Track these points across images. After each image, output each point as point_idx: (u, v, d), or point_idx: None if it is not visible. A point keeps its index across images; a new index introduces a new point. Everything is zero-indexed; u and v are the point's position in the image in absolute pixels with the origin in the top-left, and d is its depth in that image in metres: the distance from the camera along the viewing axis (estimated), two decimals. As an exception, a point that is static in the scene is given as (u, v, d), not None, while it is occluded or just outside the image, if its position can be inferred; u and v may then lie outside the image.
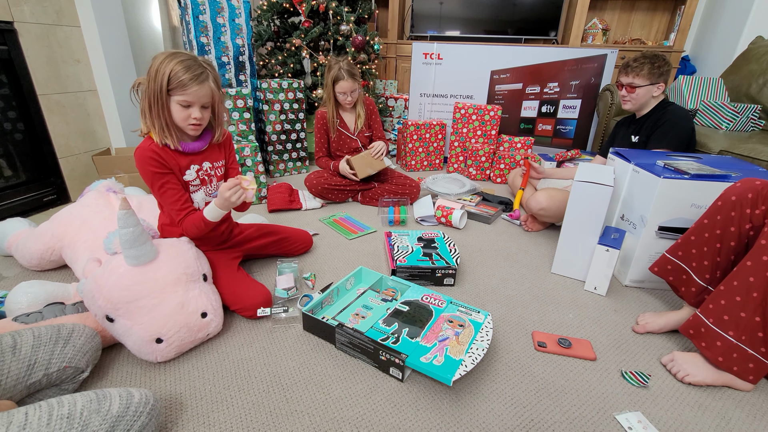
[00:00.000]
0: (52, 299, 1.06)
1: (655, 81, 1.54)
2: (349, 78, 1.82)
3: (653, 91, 1.56)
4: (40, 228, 1.32)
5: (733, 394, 0.92)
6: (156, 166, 1.03)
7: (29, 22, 1.73)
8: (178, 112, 1.01)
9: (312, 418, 0.83)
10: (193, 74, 0.97)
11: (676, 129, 1.51)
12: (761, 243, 0.85)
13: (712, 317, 0.93)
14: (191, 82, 0.97)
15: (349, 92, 1.87)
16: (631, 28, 3.26)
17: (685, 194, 1.18)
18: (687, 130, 1.53)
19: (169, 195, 1.06)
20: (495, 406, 0.88)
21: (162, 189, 1.05)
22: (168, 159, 1.05)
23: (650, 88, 1.55)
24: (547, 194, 1.59)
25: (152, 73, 0.97)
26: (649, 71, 1.52)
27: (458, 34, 3.20)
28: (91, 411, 0.66)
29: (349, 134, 2.01)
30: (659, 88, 1.55)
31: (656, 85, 1.55)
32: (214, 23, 2.12)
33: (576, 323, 1.16)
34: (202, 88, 1.00)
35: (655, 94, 1.57)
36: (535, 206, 1.61)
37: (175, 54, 0.98)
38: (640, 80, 1.55)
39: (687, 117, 1.54)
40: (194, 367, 0.97)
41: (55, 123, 1.87)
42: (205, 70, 1.00)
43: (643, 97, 1.58)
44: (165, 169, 1.05)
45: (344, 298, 1.21)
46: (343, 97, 1.88)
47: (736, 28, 2.82)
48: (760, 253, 0.85)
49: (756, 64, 2.11)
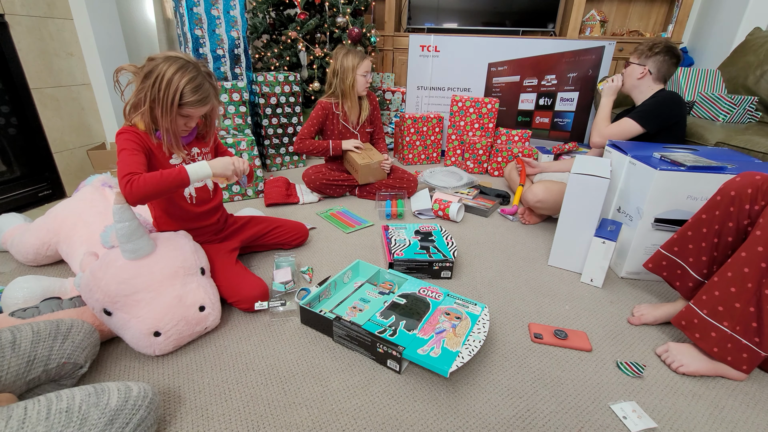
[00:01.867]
0: (49, 294, 1.05)
1: (640, 62, 1.55)
2: (367, 57, 1.86)
3: (637, 72, 1.56)
4: (36, 223, 1.31)
5: (726, 383, 0.93)
6: (134, 141, 1.01)
7: (20, 14, 1.71)
8: (177, 121, 1.04)
9: (310, 410, 0.84)
10: (200, 97, 1.01)
11: (650, 107, 1.52)
12: (756, 234, 0.86)
13: (706, 308, 0.93)
14: (198, 104, 1.02)
15: (369, 72, 1.89)
16: (629, 20, 3.24)
17: (681, 186, 1.18)
18: (664, 109, 1.52)
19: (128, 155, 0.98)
20: (491, 396, 0.89)
21: (125, 152, 0.98)
22: (150, 142, 1.05)
23: (635, 67, 1.57)
24: (543, 186, 1.59)
25: (160, 82, 0.97)
26: (639, 50, 1.55)
27: (456, 26, 3.18)
28: (89, 405, 0.66)
29: (351, 128, 1.99)
30: (643, 72, 1.55)
31: (641, 67, 1.55)
32: (209, 15, 2.10)
33: (572, 315, 1.17)
34: (205, 109, 1.06)
35: (638, 76, 1.57)
36: (532, 199, 1.61)
37: (184, 66, 0.98)
38: (633, 57, 1.58)
39: (671, 101, 1.53)
40: (192, 360, 0.97)
41: (48, 117, 1.85)
42: (210, 90, 1.04)
43: (629, 76, 1.60)
44: (141, 147, 1.02)
45: (342, 292, 1.22)
46: (364, 79, 1.87)
47: (734, 20, 2.81)
48: (755, 243, 0.86)
49: (753, 55, 2.10)
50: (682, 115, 1.55)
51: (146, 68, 0.99)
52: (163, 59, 0.98)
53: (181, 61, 0.99)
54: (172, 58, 0.99)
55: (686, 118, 1.58)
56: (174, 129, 1.04)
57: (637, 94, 1.62)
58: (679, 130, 1.57)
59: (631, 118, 1.54)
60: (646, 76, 1.56)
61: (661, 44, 1.52)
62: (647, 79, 1.56)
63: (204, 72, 1.03)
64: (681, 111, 1.54)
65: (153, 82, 0.97)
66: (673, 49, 1.52)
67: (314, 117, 1.91)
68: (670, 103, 1.53)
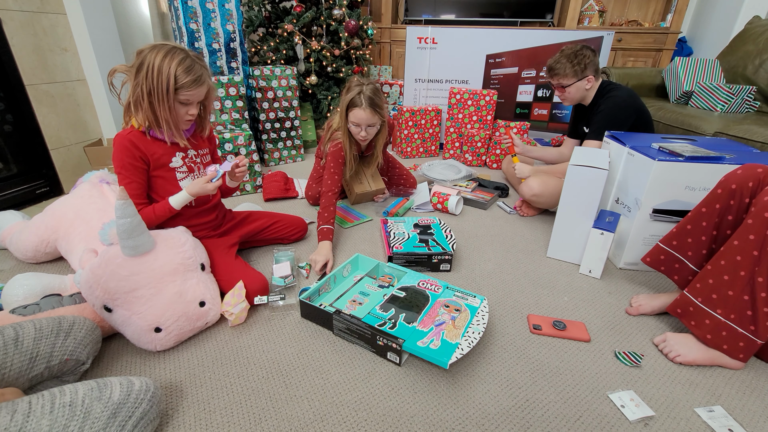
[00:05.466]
0: (49, 291, 1.06)
1: (581, 77, 1.56)
2: (368, 107, 1.43)
3: (583, 85, 1.58)
4: (34, 220, 1.31)
5: (723, 372, 0.94)
6: (130, 157, 1.05)
7: (12, 9, 1.69)
8: (179, 109, 1.05)
9: (311, 403, 0.85)
10: (195, 77, 1.01)
11: (609, 119, 1.52)
12: (748, 222, 0.86)
13: (700, 296, 0.94)
14: (194, 84, 1.01)
15: (365, 126, 1.48)
16: (628, 10, 3.22)
17: (679, 177, 1.18)
18: (622, 116, 1.53)
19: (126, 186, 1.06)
20: (491, 387, 0.90)
21: (126, 181, 1.06)
22: (147, 149, 1.07)
23: (578, 84, 1.58)
24: (540, 180, 1.60)
25: (152, 71, 0.97)
26: (572, 70, 1.55)
27: (453, 17, 3.15)
28: (92, 399, 0.67)
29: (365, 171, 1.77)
30: (588, 81, 1.57)
31: (585, 80, 1.57)
32: (204, 9, 2.08)
33: (571, 306, 1.17)
34: (202, 89, 1.05)
35: (587, 87, 1.59)
36: (528, 192, 1.62)
37: (171, 51, 0.99)
38: (566, 80, 1.57)
39: (623, 103, 1.53)
40: (193, 355, 0.98)
41: (44, 114, 1.84)
42: (202, 70, 1.04)
43: (575, 93, 1.61)
44: (138, 163, 1.06)
45: (341, 286, 1.22)
46: (356, 129, 1.49)
47: (734, 9, 2.79)
48: (747, 232, 0.86)
49: (752, 44, 2.10)
50: (636, 107, 1.54)
51: (136, 63, 0.99)
52: (150, 49, 0.99)
53: (167, 46, 1.00)
54: (159, 46, 0.99)
55: (642, 107, 1.57)
56: (174, 119, 1.04)
57: (587, 98, 1.64)
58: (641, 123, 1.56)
59: (592, 138, 1.55)
60: (591, 81, 1.59)
61: (581, 51, 1.55)
62: (593, 84, 1.60)
63: (193, 55, 1.03)
64: (634, 104, 1.54)
65: (145, 74, 0.98)
66: (586, 46, 1.56)
67: (333, 166, 1.53)
68: (622, 107, 1.53)
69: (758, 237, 0.85)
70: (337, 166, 1.54)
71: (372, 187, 1.80)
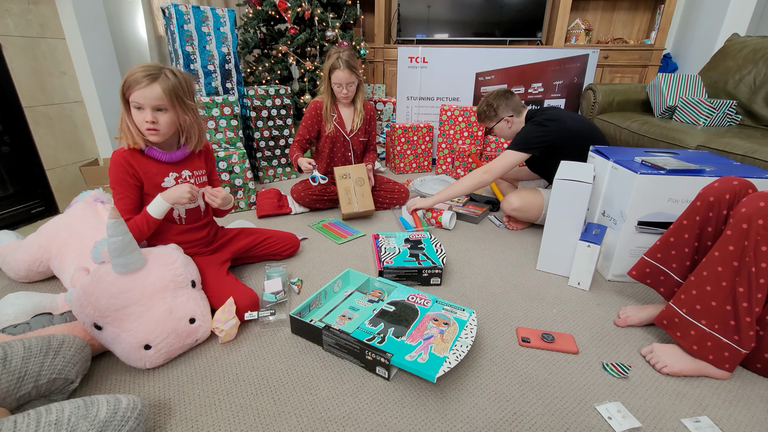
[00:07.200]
0: (40, 310, 1.06)
1: (498, 119, 1.71)
2: (345, 68, 1.73)
3: (505, 126, 1.72)
4: (28, 240, 1.32)
5: (710, 382, 0.95)
6: (123, 173, 1.07)
7: (13, 35, 1.74)
8: (135, 115, 1.04)
9: (299, 419, 0.85)
10: (144, 74, 0.99)
11: (520, 136, 1.59)
12: (727, 234, 0.88)
13: (685, 307, 0.96)
14: (141, 81, 0.99)
15: (345, 84, 1.77)
16: (614, 28, 3.33)
17: (662, 189, 1.21)
18: (532, 131, 1.57)
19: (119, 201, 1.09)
20: (479, 400, 0.90)
21: (119, 196, 1.09)
22: (140, 167, 1.09)
23: (499, 125, 1.73)
24: (518, 196, 1.66)
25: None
26: (487, 116, 1.73)
27: (446, 37, 3.24)
28: (78, 417, 0.67)
29: (345, 133, 1.91)
30: (507, 120, 1.71)
31: (503, 120, 1.71)
32: (199, 32, 2.14)
33: (560, 318, 1.18)
34: (151, 90, 1.00)
35: (508, 126, 1.72)
36: (508, 208, 1.68)
37: (144, 64, 1.03)
38: (487, 124, 1.77)
39: (536, 127, 1.57)
40: (183, 372, 0.98)
41: (41, 135, 1.87)
42: (160, 73, 1.02)
43: (502, 132, 1.76)
44: (131, 179, 1.08)
45: (332, 301, 1.23)
46: (338, 89, 1.79)
47: (714, 26, 2.89)
48: (726, 243, 0.88)
49: (732, 60, 2.16)
50: (557, 129, 1.54)
51: None
52: None
53: (146, 63, 1.04)
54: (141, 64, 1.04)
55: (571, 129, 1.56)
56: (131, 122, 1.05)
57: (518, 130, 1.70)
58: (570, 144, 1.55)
59: (509, 148, 1.60)
60: (511, 120, 1.71)
61: (492, 99, 1.70)
62: (513, 120, 1.71)
63: (167, 69, 1.04)
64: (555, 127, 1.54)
65: None
66: (498, 92, 1.71)
67: (306, 118, 1.87)
68: (535, 127, 1.58)
69: (737, 248, 0.87)
70: (311, 118, 1.87)
71: (359, 208, 1.83)
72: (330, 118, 1.87)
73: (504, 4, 3.10)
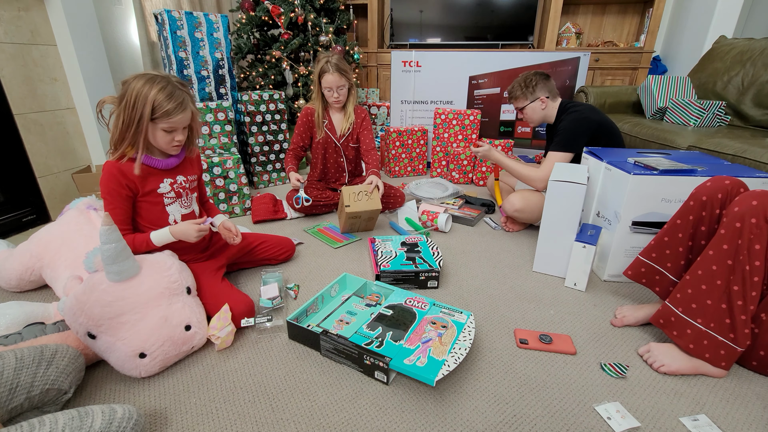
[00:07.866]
0: (32, 319, 1.04)
1: (533, 98, 1.67)
2: (335, 72, 1.70)
3: (538, 106, 1.68)
4: (19, 248, 1.30)
5: (707, 380, 0.96)
6: (116, 185, 1.06)
7: (3, 42, 1.72)
8: (162, 137, 1.05)
9: (298, 426, 0.84)
10: (176, 103, 1.02)
11: (568, 132, 1.59)
12: (720, 232, 0.89)
13: (681, 306, 0.96)
14: (176, 110, 1.02)
15: (336, 88, 1.74)
16: (604, 31, 3.37)
17: (655, 189, 1.22)
18: (580, 129, 1.58)
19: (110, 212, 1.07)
20: (478, 403, 0.90)
21: (111, 207, 1.07)
22: (134, 177, 1.07)
23: (533, 105, 1.68)
24: (521, 196, 1.65)
25: (130, 100, 0.99)
26: (522, 93, 1.68)
27: (438, 41, 3.26)
28: (72, 428, 0.66)
29: (335, 139, 1.89)
30: (542, 101, 1.67)
31: (538, 100, 1.67)
32: (192, 38, 2.14)
33: (557, 319, 1.19)
34: (186, 115, 1.05)
35: (542, 107, 1.68)
36: (510, 209, 1.67)
37: (152, 79, 1.00)
38: (520, 102, 1.70)
39: (581, 117, 1.58)
40: (179, 380, 0.96)
41: (32, 142, 1.85)
42: (184, 95, 1.04)
43: (533, 114, 1.71)
44: (125, 191, 1.07)
45: (329, 305, 1.22)
46: (329, 93, 1.77)
47: (702, 29, 2.94)
48: (720, 242, 0.89)
49: (720, 62, 2.20)
50: (597, 120, 1.59)
51: (120, 93, 1.01)
52: (133, 78, 1.01)
53: (149, 74, 1.01)
54: (141, 75, 1.01)
55: (604, 121, 1.61)
56: (159, 145, 1.06)
57: (548, 118, 1.72)
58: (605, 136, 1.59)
59: (555, 150, 1.61)
60: (546, 102, 1.68)
61: (531, 76, 1.66)
62: (548, 103, 1.69)
63: (175, 81, 1.04)
64: (595, 118, 1.58)
65: (125, 102, 0.99)
66: (537, 72, 1.68)
67: (298, 125, 1.87)
68: (579, 121, 1.59)
69: (731, 247, 0.88)
70: (303, 125, 1.86)
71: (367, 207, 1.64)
72: (321, 124, 1.86)
73: (495, 9, 3.13)
